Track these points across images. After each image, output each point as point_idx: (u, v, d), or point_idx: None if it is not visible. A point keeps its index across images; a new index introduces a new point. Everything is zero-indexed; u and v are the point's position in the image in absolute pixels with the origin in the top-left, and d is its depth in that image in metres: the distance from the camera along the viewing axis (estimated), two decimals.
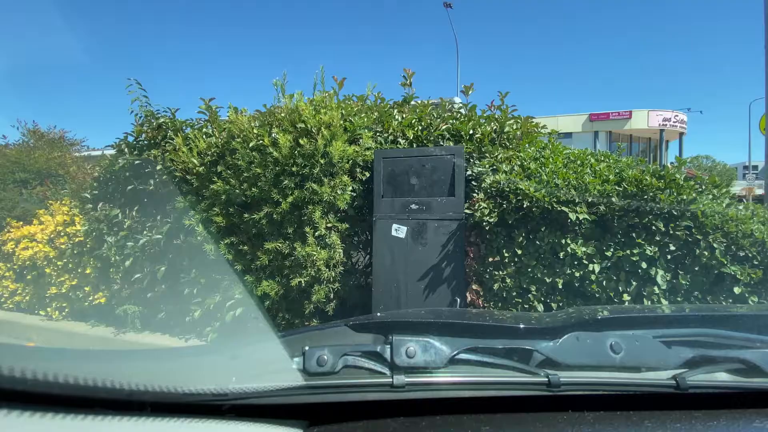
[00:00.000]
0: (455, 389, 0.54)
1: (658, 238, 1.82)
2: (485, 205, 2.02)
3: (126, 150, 3.12)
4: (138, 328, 3.03)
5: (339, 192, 2.35)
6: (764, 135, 7.67)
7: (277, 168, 2.39)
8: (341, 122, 2.40)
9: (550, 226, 1.96)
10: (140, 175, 3.04)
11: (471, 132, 2.44)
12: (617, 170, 1.98)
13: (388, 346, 0.55)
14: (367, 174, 2.42)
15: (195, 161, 2.68)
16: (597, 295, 1.90)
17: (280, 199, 2.36)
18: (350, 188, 2.39)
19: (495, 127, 2.47)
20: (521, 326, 0.64)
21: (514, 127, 2.52)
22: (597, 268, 1.87)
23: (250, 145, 2.48)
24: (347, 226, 2.43)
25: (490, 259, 2.06)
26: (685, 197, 1.81)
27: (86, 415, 0.36)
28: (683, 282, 1.80)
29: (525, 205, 1.93)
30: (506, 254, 2.01)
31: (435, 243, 2.18)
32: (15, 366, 0.32)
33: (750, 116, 24.65)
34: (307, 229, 2.35)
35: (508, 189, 1.98)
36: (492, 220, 2.00)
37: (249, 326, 2.59)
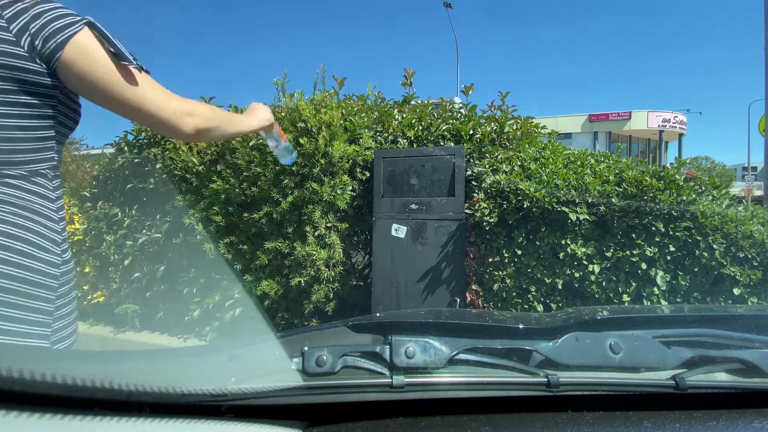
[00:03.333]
0: (454, 389, 0.54)
1: (657, 239, 1.83)
2: (485, 205, 2.02)
3: (126, 148, 3.12)
4: (137, 328, 3.03)
5: (339, 192, 2.34)
6: (763, 136, 7.68)
7: (277, 167, 2.39)
8: (341, 122, 2.40)
9: (550, 227, 1.96)
10: (140, 174, 3.04)
11: (471, 132, 2.44)
12: (617, 171, 1.99)
13: (388, 346, 0.55)
14: (367, 174, 2.42)
15: (195, 160, 2.68)
16: (597, 296, 1.90)
17: (280, 199, 2.36)
18: (350, 188, 2.39)
19: (495, 128, 2.47)
20: (521, 326, 0.64)
21: (514, 127, 2.52)
22: (597, 268, 1.87)
23: (250, 144, 2.48)
24: (347, 225, 2.43)
25: (490, 260, 2.06)
26: (684, 198, 1.81)
27: (85, 416, 0.36)
28: (683, 283, 1.80)
29: (525, 206, 1.93)
30: (506, 254, 2.01)
31: (435, 243, 2.18)
32: (13, 366, 0.32)
33: (749, 117, 24.69)
34: (306, 228, 2.35)
35: (508, 189, 1.98)
36: (492, 220, 2.00)
37: (248, 326, 2.59)
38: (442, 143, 2.44)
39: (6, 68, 0.66)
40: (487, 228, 2.04)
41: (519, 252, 1.99)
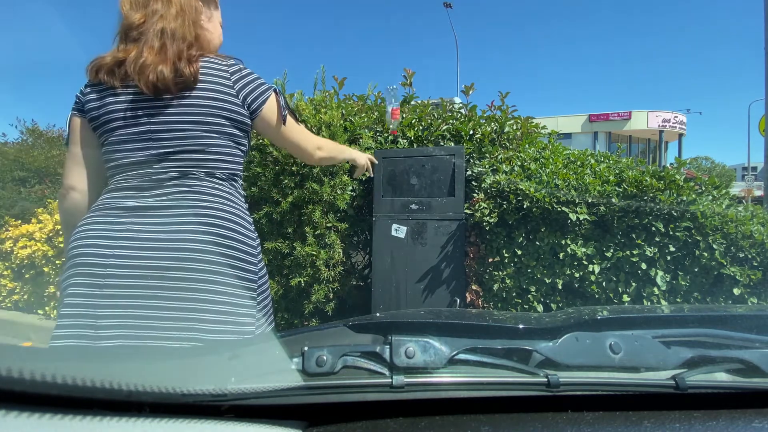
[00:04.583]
0: (454, 389, 0.54)
1: (657, 239, 1.83)
2: (485, 205, 2.02)
3: None
4: None
5: (339, 192, 2.35)
6: (763, 136, 7.68)
7: (276, 167, 2.39)
8: (341, 122, 2.40)
9: (550, 227, 1.96)
10: None
11: (471, 132, 2.44)
12: (617, 171, 1.99)
13: (388, 346, 0.54)
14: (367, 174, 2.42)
15: None
16: (597, 296, 1.90)
17: (280, 199, 2.36)
18: (350, 188, 2.39)
19: (495, 128, 2.47)
20: (521, 326, 0.64)
21: (514, 127, 2.52)
22: (597, 268, 1.87)
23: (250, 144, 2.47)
24: (347, 225, 2.43)
25: (490, 260, 2.06)
26: (684, 198, 1.81)
27: (85, 416, 0.36)
28: (683, 283, 1.80)
29: (525, 206, 1.93)
30: (506, 254, 2.01)
31: (435, 243, 2.18)
32: (13, 366, 0.32)
33: (749, 118, 24.74)
34: (306, 228, 2.35)
35: (508, 189, 1.98)
36: (492, 220, 2.00)
37: None
38: (442, 143, 2.44)
39: (231, 112, 1.03)
40: (487, 228, 2.04)
41: (519, 252, 1.99)
